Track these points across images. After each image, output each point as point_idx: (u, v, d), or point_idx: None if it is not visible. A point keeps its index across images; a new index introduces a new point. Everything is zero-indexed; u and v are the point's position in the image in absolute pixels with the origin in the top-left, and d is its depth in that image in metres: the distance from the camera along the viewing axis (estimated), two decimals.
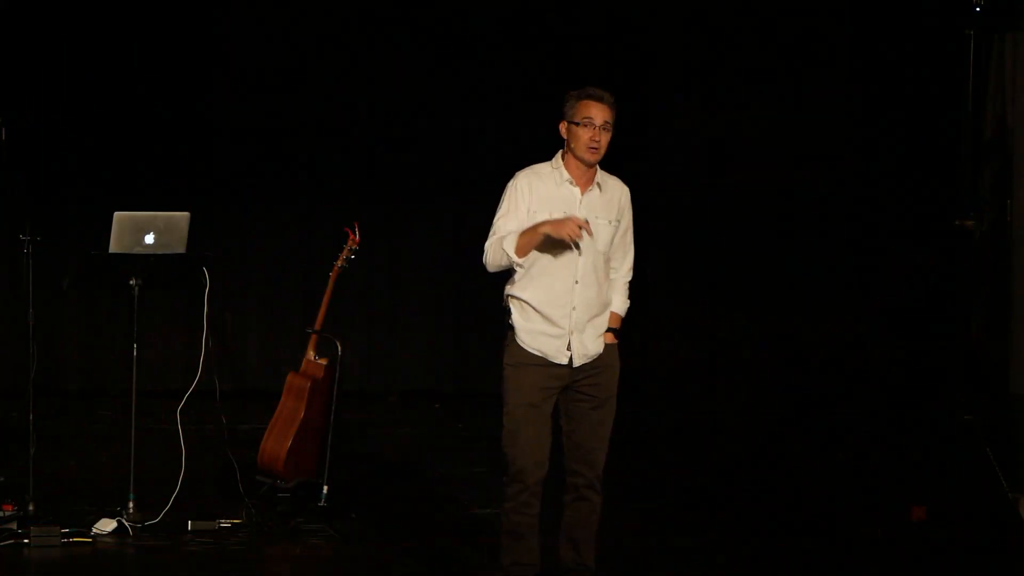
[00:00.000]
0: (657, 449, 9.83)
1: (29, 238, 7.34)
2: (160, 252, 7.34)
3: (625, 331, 6.28)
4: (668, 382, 10.47)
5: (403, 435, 10.25)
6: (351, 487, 8.22)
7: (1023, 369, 8.39)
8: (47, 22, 11.31)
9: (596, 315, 6.10)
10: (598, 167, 6.20)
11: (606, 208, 6.13)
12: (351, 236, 8.13)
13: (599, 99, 6.09)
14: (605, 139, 6.08)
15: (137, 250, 7.30)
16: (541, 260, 6.04)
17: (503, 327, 6.17)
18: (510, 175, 13.15)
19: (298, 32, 11.50)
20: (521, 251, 6.01)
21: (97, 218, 8.29)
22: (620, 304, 6.22)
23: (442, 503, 8.20)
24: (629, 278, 6.26)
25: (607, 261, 6.13)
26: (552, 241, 6.00)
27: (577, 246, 5.99)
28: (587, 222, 5.97)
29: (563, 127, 6.16)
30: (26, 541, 7.13)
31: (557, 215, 6.03)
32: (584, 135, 6.06)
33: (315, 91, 11.54)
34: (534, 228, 5.97)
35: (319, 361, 8.08)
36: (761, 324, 10.20)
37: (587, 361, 6.10)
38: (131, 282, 7.41)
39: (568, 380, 6.11)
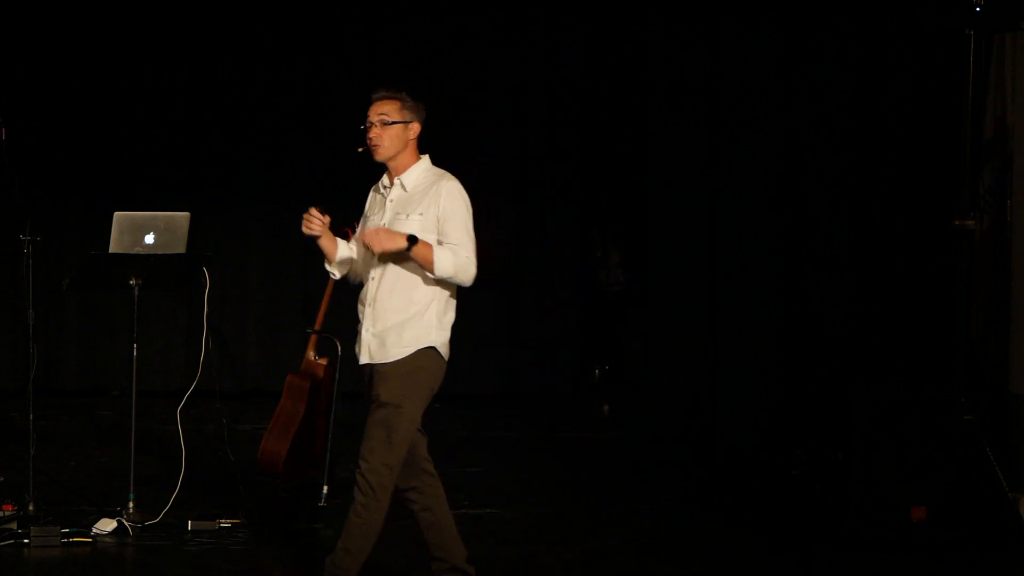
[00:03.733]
0: (656, 449, 9.84)
1: (29, 238, 7.34)
2: (160, 252, 7.34)
3: (625, 331, 6.27)
4: (668, 382, 10.47)
5: None
6: (351, 487, 8.22)
7: (1023, 369, 8.39)
8: (48, 22, 11.32)
9: (396, 319, 6.04)
10: (419, 164, 6.18)
11: (410, 204, 6.10)
12: (351, 236, 8.12)
13: (373, 100, 6.15)
14: (385, 133, 6.08)
15: (137, 250, 7.30)
16: (364, 259, 6.17)
17: None
18: (508, 175, 13.23)
19: (299, 32, 11.51)
20: (326, 259, 6.26)
21: (97, 218, 8.30)
22: (440, 249, 6.00)
23: None
24: (470, 269, 6.10)
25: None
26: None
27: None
28: (319, 215, 6.09)
29: None
30: (26, 541, 7.14)
31: (374, 217, 6.18)
32: (366, 137, 6.12)
33: (315, 91, 11.54)
34: None
35: (319, 361, 8.08)
36: (760, 324, 10.19)
37: (370, 361, 6.08)
38: (131, 282, 7.41)
39: (370, 377, 6.11)
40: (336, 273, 6.33)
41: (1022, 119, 8.51)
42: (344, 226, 8.22)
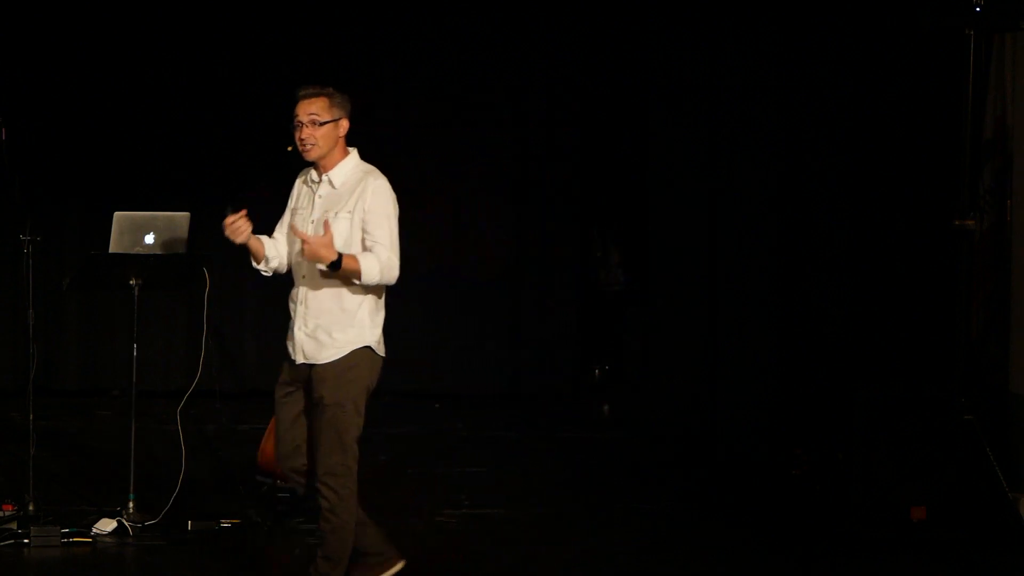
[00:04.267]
0: (656, 449, 9.84)
1: (29, 238, 7.34)
2: (160, 252, 7.34)
3: (625, 331, 6.26)
4: (668, 382, 10.47)
5: (403, 435, 10.26)
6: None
7: (1023, 369, 8.39)
8: (48, 22, 11.31)
9: (327, 319, 6.05)
10: (347, 160, 6.16)
11: (339, 202, 6.09)
12: None
13: (302, 96, 6.12)
14: (318, 133, 6.07)
15: (137, 250, 7.30)
16: (294, 254, 6.17)
17: None
18: (508, 175, 13.21)
19: (299, 32, 11.50)
20: (253, 258, 6.29)
21: (97, 218, 8.29)
22: (365, 258, 5.98)
23: (441, 503, 8.20)
24: (394, 270, 6.06)
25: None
26: (291, 238, 6.16)
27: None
28: (236, 216, 6.09)
29: None
30: (26, 541, 7.14)
31: (302, 211, 6.17)
32: (296, 136, 6.10)
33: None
34: None
35: None
36: (760, 324, 10.19)
37: (307, 362, 6.09)
38: (131, 282, 7.41)
39: (303, 377, 6.12)
40: (268, 271, 6.30)
41: (1022, 119, 8.51)
42: None
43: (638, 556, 7.28)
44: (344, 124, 6.13)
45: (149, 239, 7.33)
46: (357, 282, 6.00)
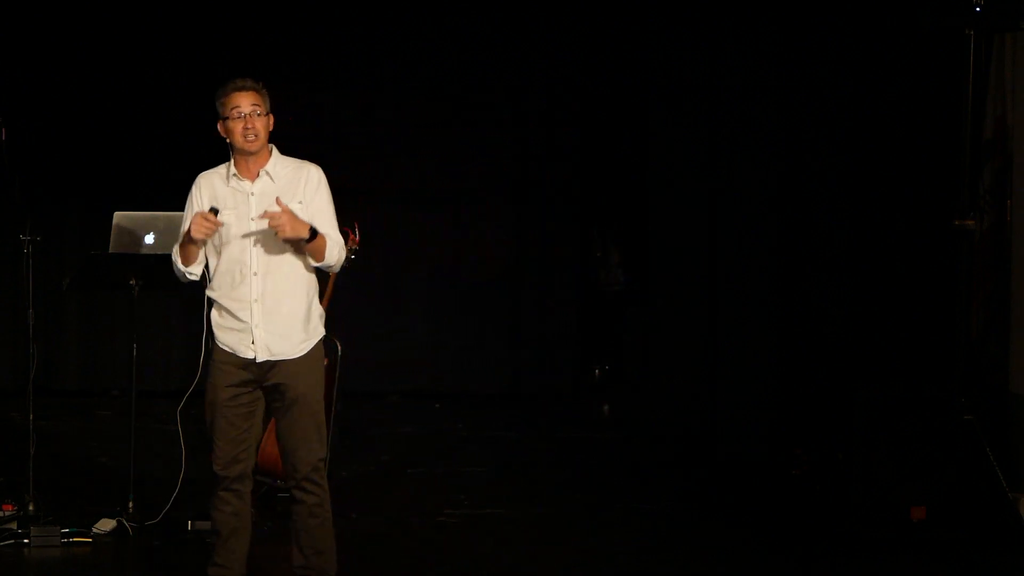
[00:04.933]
0: (656, 449, 9.84)
1: (29, 238, 7.35)
2: (160, 252, 7.34)
3: (625, 331, 6.26)
4: (668, 382, 10.46)
5: (403, 435, 10.26)
6: (351, 487, 8.22)
7: (1023, 369, 8.39)
8: (48, 22, 11.31)
9: (288, 310, 6.03)
10: (274, 154, 6.19)
11: (284, 195, 6.07)
12: (351, 236, 8.12)
13: (241, 88, 6.13)
14: (260, 124, 6.10)
15: (137, 250, 7.30)
16: (223, 257, 6.10)
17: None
18: (508, 175, 13.21)
19: (299, 32, 11.50)
20: (186, 260, 6.14)
21: (97, 218, 8.29)
22: (329, 239, 6.04)
23: (441, 503, 8.20)
24: (342, 256, 6.12)
25: (301, 251, 6.03)
26: (226, 238, 6.07)
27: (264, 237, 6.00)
28: (212, 211, 6.01)
29: (220, 127, 6.17)
30: (26, 541, 7.14)
31: (231, 212, 6.10)
32: (237, 127, 6.10)
33: (313, 91, 11.54)
34: (183, 235, 6.10)
35: None
36: (760, 324, 10.19)
37: (272, 358, 6.04)
38: (131, 282, 7.41)
39: (259, 376, 6.07)
40: (196, 275, 6.23)
41: (1022, 119, 8.50)
42: (344, 226, 8.24)
43: (638, 556, 7.28)
44: (272, 119, 6.20)
45: (149, 239, 7.33)
46: (315, 262, 6.03)
